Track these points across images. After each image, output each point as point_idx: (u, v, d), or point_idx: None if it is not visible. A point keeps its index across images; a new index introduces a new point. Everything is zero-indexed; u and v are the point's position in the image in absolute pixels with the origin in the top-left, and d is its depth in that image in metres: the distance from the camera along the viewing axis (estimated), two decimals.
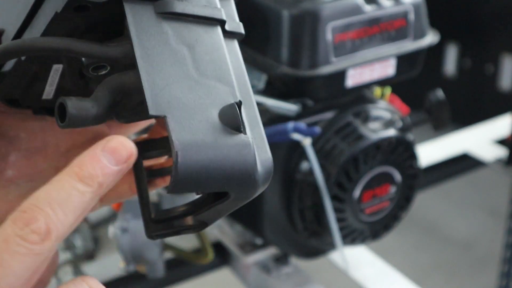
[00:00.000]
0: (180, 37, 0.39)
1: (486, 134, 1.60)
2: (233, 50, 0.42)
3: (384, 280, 1.17)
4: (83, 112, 0.37)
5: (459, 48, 3.07)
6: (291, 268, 1.14)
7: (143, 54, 0.37)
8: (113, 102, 0.39)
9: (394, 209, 1.04)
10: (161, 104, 0.36)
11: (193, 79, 0.38)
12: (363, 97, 1.03)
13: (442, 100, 1.12)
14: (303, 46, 0.91)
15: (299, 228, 1.00)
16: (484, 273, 2.23)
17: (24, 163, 0.49)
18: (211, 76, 0.39)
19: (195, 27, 0.40)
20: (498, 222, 2.36)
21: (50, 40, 0.38)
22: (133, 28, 0.38)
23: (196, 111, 0.37)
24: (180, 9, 0.39)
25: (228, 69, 0.40)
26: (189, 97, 0.37)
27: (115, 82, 0.39)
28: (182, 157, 0.35)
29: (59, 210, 0.32)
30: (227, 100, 0.38)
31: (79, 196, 0.33)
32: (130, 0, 0.38)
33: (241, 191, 0.37)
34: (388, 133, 0.97)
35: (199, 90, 0.38)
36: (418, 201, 1.16)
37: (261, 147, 0.39)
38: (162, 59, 0.38)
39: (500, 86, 2.95)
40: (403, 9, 0.97)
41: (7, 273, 0.31)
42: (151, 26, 0.38)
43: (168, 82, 0.37)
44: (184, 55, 0.38)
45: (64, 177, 0.34)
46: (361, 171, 0.96)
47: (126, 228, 1.06)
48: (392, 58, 0.98)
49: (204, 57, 0.39)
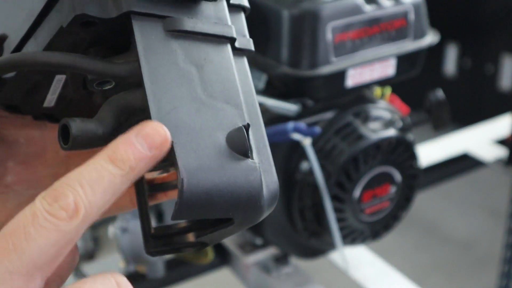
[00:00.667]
0: (188, 56, 0.38)
1: (486, 134, 1.60)
2: (242, 68, 0.41)
3: (384, 280, 1.17)
4: (87, 134, 0.36)
5: (459, 48, 3.07)
6: (291, 268, 1.14)
7: (150, 75, 0.37)
8: (118, 122, 0.38)
9: (394, 209, 1.04)
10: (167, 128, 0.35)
11: (200, 101, 0.37)
12: (363, 97, 1.03)
13: (442, 100, 1.12)
14: (303, 46, 0.91)
15: (299, 228, 1.00)
16: (484, 273, 2.23)
17: (23, 169, 0.48)
18: (219, 98, 0.38)
19: (204, 46, 0.39)
20: (498, 222, 2.36)
21: (55, 55, 0.37)
22: (141, 46, 0.37)
23: (203, 135, 0.36)
24: (190, 27, 0.38)
25: (237, 90, 0.39)
26: (196, 120, 0.36)
27: (120, 102, 0.39)
28: (187, 184, 0.34)
29: (89, 189, 0.33)
30: (235, 123, 0.37)
31: (110, 177, 0.33)
32: (138, 17, 0.37)
33: (246, 217, 0.37)
34: (388, 133, 0.97)
35: (207, 113, 0.37)
36: (418, 201, 1.16)
37: (268, 171, 0.38)
38: (170, 80, 0.37)
39: (500, 86, 2.95)
40: (403, 9, 0.97)
41: (31, 247, 0.31)
42: (159, 44, 0.37)
43: (175, 105, 0.36)
44: (192, 76, 0.38)
45: (96, 159, 0.34)
46: (361, 171, 0.96)
47: (126, 228, 1.06)
48: (392, 58, 0.98)
49: (213, 77, 0.38)
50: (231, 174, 0.36)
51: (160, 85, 0.37)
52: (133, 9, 0.37)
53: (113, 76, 0.38)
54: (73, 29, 0.37)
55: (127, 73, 0.38)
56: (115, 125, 0.38)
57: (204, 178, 0.35)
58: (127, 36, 0.38)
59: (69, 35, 0.38)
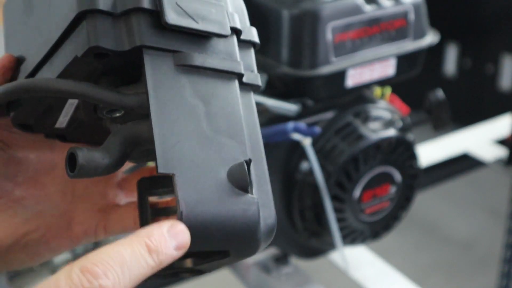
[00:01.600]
0: (196, 91, 0.39)
1: (486, 134, 1.60)
2: (248, 103, 0.42)
3: (384, 280, 1.17)
4: (93, 164, 0.38)
5: (459, 48, 3.07)
6: (291, 268, 1.14)
7: (157, 108, 0.37)
8: (124, 153, 0.40)
9: (394, 209, 1.04)
10: (170, 161, 0.36)
11: (205, 136, 0.38)
12: (363, 97, 1.03)
13: (442, 100, 1.12)
14: (303, 46, 0.91)
15: (299, 228, 1.00)
16: (484, 273, 2.23)
17: (32, 184, 0.49)
18: (223, 133, 0.39)
19: (212, 81, 0.40)
20: (498, 222, 2.36)
21: (67, 83, 0.38)
22: (151, 80, 0.38)
23: (205, 169, 0.37)
24: (199, 62, 0.39)
25: (241, 126, 0.40)
26: (199, 154, 0.37)
27: (127, 132, 0.40)
28: (186, 217, 0.36)
29: (127, 275, 0.33)
30: (237, 158, 0.38)
31: (145, 267, 0.34)
32: (150, 50, 0.38)
33: (242, 251, 0.39)
34: (388, 133, 0.97)
35: (210, 147, 0.38)
36: (418, 201, 1.16)
37: (266, 205, 0.40)
38: (177, 114, 0.38)
39: (500, 86, 2.95)
40: (403, 9, 0.97)
41: None
42: (168, 78, 0.38)
43: (180, 139, 0.37)
44: (199, 110, 0.39)
45: (134, 243, 0.34)
46: (361, 171, 0.96)
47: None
48: (392, 58, 0.98)
49: (219, 112, 0.39)
50: (230, 208, 0.37)
51: (167, 118, 0.37)
52: (145, 44, 0.38)
53: (122, 107, 0.39)
54: (87, 59, 0.38)
55: (136, 104, 0.39)
56: (121, 155, 0.40)
57: (203, 211, 0.36)
58: (139, 67, 0.39)
59: (83, 64, 0.39)
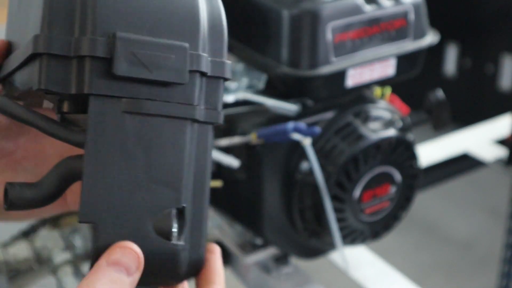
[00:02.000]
0: (140, 138, 0.39)
1: (486, 134, 1.60)
2: (204, 140, 0.42)
3: (384, 280, 1.17)
4: (25, 200, 0.40)
5: (459, 48, 3.07)
6: (291, 268, 1.14)
7: (93, 155, 0.38)
8: (62, 186, 0.41)
9: (394, 209, 1.04)
10: (94, 209, 0.37)
11: (139, 184, 0.39)
12: (363, 97, 1.03)
13: (442, 100, 1.12)
14: (303, 46, 0.91)
15: (299, 228, 1.00)
16: (484, 273, 2.23)
17: (33, 146, 0.51)
18: (160, 181, 0.39)
19: (161, 127, 0.40)
20: (498, 222, 2.36)
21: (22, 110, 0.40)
22: (92, 125, 0.38)
23: (131, 218, 0.38)
24: (148, 109, 0.39)
25: (181, 173, 0.40)
26: (128, 203, 0.38)
27: (65, 168, 0.41)
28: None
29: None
30: (168, 206, 0.39)
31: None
32: (98, 97, 0.38)
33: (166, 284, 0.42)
34: (388, 133, 0.97)
35: (143, 196, 0.39)
36: (418, 201, 1.16)
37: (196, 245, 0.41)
38: (113, 161, 0.38)
39: (500, 86, 2.95)
40: (403, 9, 0.97)
41: None
42: (112, 125, 0.39)
43: (111, 187, 0.38)
44: (138, 159, 0.39)
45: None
46: (361, 171, 0.96)
47: None
48: (392, 58, 0.98)
49: (160, 161, 0.39)
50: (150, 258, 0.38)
51: (101, 165, 0.38)
52: (93, 92, 0.38)
53: (69, 142, 0.41)
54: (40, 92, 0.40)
55: (82, 141, 0.40)
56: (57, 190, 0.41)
57: None
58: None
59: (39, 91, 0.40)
